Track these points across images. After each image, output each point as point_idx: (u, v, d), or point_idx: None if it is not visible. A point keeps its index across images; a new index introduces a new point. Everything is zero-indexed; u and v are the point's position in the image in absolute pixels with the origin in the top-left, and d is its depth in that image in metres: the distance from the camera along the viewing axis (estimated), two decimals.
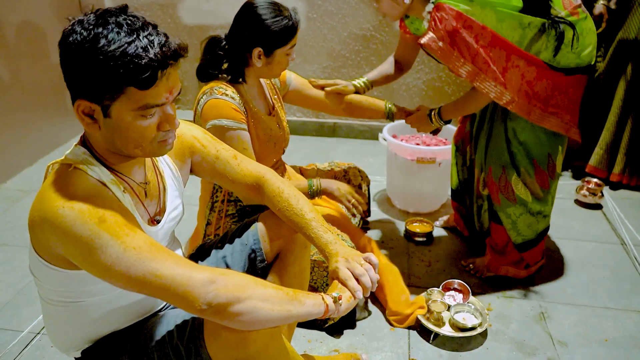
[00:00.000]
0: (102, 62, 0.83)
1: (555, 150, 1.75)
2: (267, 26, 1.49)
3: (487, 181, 1.84)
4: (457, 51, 1.56)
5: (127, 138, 0.92)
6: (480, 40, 1.55)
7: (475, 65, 1.57)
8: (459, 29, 1.53)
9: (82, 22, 0.86)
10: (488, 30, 1.54)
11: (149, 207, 1.07)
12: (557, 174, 1.79)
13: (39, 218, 0.89)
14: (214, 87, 1.54)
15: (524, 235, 1.83)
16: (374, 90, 3.19)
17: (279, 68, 1.58)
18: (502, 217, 1.83)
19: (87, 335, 1.07)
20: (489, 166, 1.82)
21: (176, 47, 0.89)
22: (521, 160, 1.74)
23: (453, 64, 1.58)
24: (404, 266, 2.03)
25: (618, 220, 2.34)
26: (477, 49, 1.55)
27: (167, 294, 0.88)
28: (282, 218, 1.21)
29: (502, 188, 1.79)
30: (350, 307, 1.04)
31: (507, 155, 1.76)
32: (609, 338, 1.67)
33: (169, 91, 0.90)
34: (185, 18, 3.25)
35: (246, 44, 1.53)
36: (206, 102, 1.52)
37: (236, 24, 1.55)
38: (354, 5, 3.03)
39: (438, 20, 1.55)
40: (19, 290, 1.89)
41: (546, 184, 1.78)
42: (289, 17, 1.51)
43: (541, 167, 1.75)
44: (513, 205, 1.79)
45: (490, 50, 1.56)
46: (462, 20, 1.53)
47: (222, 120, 1.50)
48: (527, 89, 1.63)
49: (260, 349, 0.98)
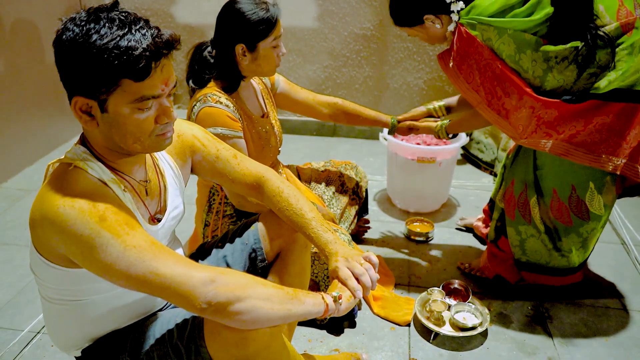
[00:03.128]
0: (96, 56, 0.84)
1: (583, 185, 1.55)
2: (245, 19, 1.49)
3: (506, 194, 1.73)
4: (463, 76, 1.52)
5: (126, 132, 0.92)
6: (489, 70, 1.46)
7: (479, 94, 1.51)
8: (470, 53, 1.47)
9: (74, 20, 0.87)
10: (497, 63, 1.44)
11: (150, 206, 1.07)
12: (594, 216, 1.59)
13: (40, 217, 0.89)
14: (207, 94, 1.52)
15: (529, 257, 1.74)
16: (369, 95, 3.20)
17: (267, 64, 1.56)
18: (511, 232, 1.73)
19: (88, 334, 1.07)
20: (511, 179, 1.71)
21: (168, 37, 0.89)
22: (541, 183, 1.62)
23: (458, 86, 1.54)
24: (404, 266, 2.03)
25: (618, 220, 2.34)
26: (481, 81, 1.48)
27: (167, 293, 0.88)
28: (281, 217, 1.21)
29: (520, 205, 1.68)
30: (350, 306, 1.04)
31: (532, 174, 1.63)
32: (609, 338, 1.67)
33: (164, 82, 0.91)
34: (185, 18, 3.25)
35: (229, 42, 1.53)
36: (200, 110, 1.51)
37: (218, 25, 1.55)
38: (354, 5, 3.03)
39: (456, 40, 1.50)
40: (20, 289, 1.89)
41: (566, 219, 1.61)
42: (265, 8, 1.50)
43: (561, 198, 1.59)
44: (526, 225, 1.69)
45: (499, 84, 1.46)
46: (474, 45, 1.45)
47: (218, 129, 1.49)
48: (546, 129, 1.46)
49: (260, 348, 0.98)
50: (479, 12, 1.45)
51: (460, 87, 1.55)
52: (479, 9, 1.45)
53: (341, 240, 1.13)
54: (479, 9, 1.45)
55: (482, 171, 2.84)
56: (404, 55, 3.11)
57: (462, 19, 1.49)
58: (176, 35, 0.91)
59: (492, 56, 1.45)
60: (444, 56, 1.58)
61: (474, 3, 1.47)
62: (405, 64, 3.13)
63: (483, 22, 1.44)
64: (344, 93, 3.27)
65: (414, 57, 3.10)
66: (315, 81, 3.27)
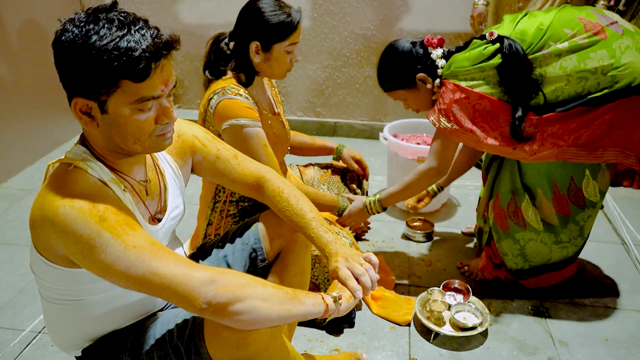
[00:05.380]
0: (95, 57, 0.83)
1: (581, 174, 1.61)
2: (264, 19, 1.49)
3: (495, 209, 1.76)
4: (454, 122, 1.55)
5: (126, 133, 0.92)
6: (478, 110, 1.53)
7: (475, 135, 1.55)
8: (457, 101, 1.54)
9: (73, 21, 0.87)
10: (486, 100, 1.52)
11: (150, 206, 1.07)
12: (589, 202, 1.65)
13: (40, 217, 0.89)
14: (226, 87, 1.52)
15: (531, 262, 1.76)
16: (370, 95, 3.20)
17: (278, 66, 1.57)
18: (508, 244, 1.75)
19: (88, 334, 1.07)
20: (496, 192, 1.75)
21: (168, 38, 0.89)
22: (541, 181, 1.65)
23: (453, 136, 1.58)
24: (404, 266, 2.03)
25: (619, 219, 2.34)
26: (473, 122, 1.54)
27: (167, 293, 0.88)
28: (282, 218, 1.21)
29: (511, 214, 1.71)
30: (350, 306, 1.04)
31: (519, 179, 1.68)
32: (609, 337, 1.67)
33: (164, 83, 0.91)
34: (186, 17, 3.26)
35: (245, 37, 1.53)
36: (219, 102, 1.50)
37: (238, 19, 1.56)
38: (354, 5, 3.03)
39: (441, 94, 1.59)
40: (20, 289, 1.90)
41: (565, 210, 1.66)
42: (288, 13, 1.51)
43: (561, 190, 1.64)
44: (522, 231, 1.71)
45: (492, 119, 1.53)
46: (459, 91, 1.53)
47: (240, 120, 1.49)
48: (552, 141, 1.52)
49: (260, 349, 0.98)
50: (458, 65, 1.56)
51: (455, 137, 1.58)
52: (458, 63, 1.56)
53: (341, 241, 1.13)
54: (458, 62, 1.56)
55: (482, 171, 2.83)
56: None
57: (444, 74, 1.60)
58: (175, 36, 0.91)
59: (480, 95, 1.52)
60: (430, 113, 1.64)
61: (452, 59, 1.59)
62: None
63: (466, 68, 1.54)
64: (344, 93, 3.27)
65: None
66: (316, 81, 3.27)
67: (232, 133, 1.50)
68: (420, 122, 2.55)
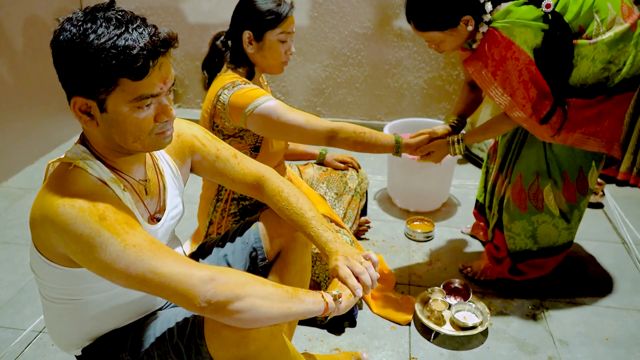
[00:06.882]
0: (94, 55, 0.83)
1: (588, 165, 1.68)
2: (255, 7, 1.51)
3: (514, 189, 1.74)
4: (498, 81, 1.51)
5: (125, 132, 0.92)
6: (523, 75, 1.48)
7: (514, 99, 1.52)
8: (506, 58, 1.48)
9: (71, 20, 0.87)
10: (533, 67, 1.47)
11: (149, 206, 1.07)
12: (589, 190, 1.72)
13: (40, 216, 0.89)
14: (235, 81, 1.53)
15: (540, 243, 1.78)
16: (370, 94, 3.20)
17: (272, 57, 1.56)
18: (522, 225, 1.75)
19: (88, 333, 1.07)
20: (518, 173, 1.73)
21: (166, 36, 0.89)
22: (553, 170, 1.68)
23: (492, 92, 1.53)
24: (404, 265, 2.03)
25: (619, 219, 2.34)
26: (518, 85, 1.50)
27: (167, 292, 0.88)
28: (282, 217, 1.21)
29: (532, 196, 1.71)
30: (350, 304, 1.04)
31: (545, 163, 1.68)
32: (609, 337, 1.67)
33: (163, 81, 0.91)
34: (186, 17, 3.25)
35: (237, 28, 1.55)
36: (232, 95, 1.50)
37: (233, 14, 1.58)
38: (355, 4, 3.03)
39: (488, 45, 1.49)
40: (21, 288, 1.90)
41: (573, 198, 1.71)
42: (278, 2, 1.52)
43: (570, 180, 1.69)
44: (538, 213, 1.73)
45: (532, 86, 1.50)
46: (511, 49, 1.46)
47: (260, 99, 1.48)
48: (570, 126, 1.56)
49: (260, 348, 0.98)
50: (517, 17, 1.45)
51: (492, 93, 1.54)
52: (517, 14, 1.45)
53: (341, 239, 1.13)
54: (517, 14, 1.46)
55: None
56: (405, 55, 3.10)
57: (496, 22, 1.48)
58: (173, 34, 0.91)
59: (530, 59, 1.48)
60: (472, 62, 1.55)
61: (510, 8, 1.47)
62: (405, 63, 3.13)
63: (524, 24, 1.44)
64: (345, 92, 3.27)
65: (414, 57, 3.10)
66: (316, 80, 3.27)
67: (258, 114, 1.48)
68: (421, 122, 2.55)
